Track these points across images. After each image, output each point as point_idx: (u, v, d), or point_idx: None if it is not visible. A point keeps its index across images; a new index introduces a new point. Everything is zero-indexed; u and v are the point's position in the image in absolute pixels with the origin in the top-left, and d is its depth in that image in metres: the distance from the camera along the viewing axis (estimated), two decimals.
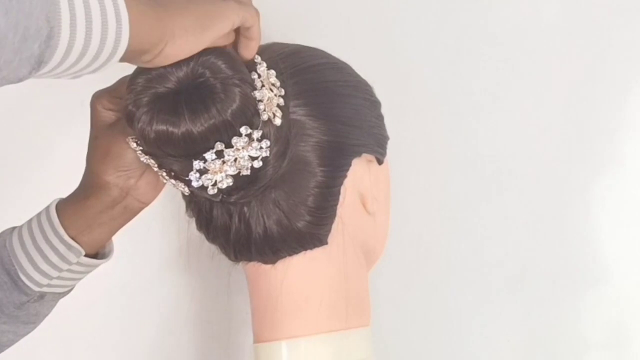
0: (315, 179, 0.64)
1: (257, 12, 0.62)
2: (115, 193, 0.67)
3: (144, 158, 0.63)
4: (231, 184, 0.61)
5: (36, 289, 0.67)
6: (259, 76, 0.61)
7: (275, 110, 0.61)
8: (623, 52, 0.99)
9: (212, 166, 0.60)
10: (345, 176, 0.66)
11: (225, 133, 0.59)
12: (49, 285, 0.68)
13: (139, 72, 0.60)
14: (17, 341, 0.73)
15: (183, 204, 0.71)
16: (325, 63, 0.69)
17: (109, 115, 0.66)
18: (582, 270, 0.99)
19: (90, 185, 0.67)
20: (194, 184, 0.61)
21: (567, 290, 1.00)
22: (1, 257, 0.67)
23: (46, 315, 0.73)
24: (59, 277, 0.68)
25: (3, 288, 0.67)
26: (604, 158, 1.00)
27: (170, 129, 0.58)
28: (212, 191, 0.61)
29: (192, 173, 0.60)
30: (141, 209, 0.70)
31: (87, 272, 0.71)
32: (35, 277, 0.67)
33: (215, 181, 0.61)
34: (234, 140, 0.59)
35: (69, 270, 0.68)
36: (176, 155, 0.60)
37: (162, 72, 0.59)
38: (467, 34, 0.99)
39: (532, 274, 1.00)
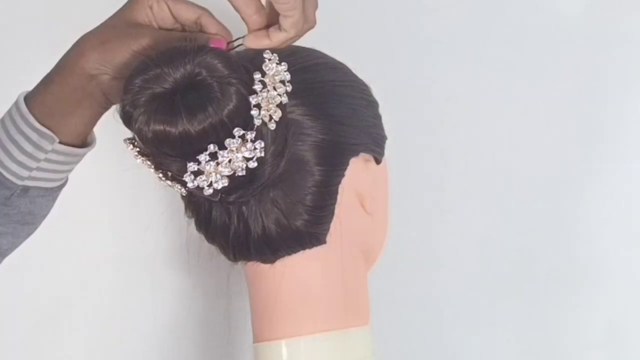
0: (313, 178, 0.65)
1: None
2: (83, 80, 0.65)
3: (140, 160, 0.64)
4: (227, 184, 0.61)
5: (18, 182, 0.67)
6: (264, 74, 0.61)
7: (273, 112, 0.61)
8: (623, 52, 0.99)
9: (207, 168, 0.60)
10: (342, 175, 0.66)
11: (222, 132, 0.59)
12: (30, 178, 0.67)
13: (135, 72, 0.60)
14: (18, 244, 0.72)
15: (182, 204, 0.71)
16: (323, 63, 0.69)
17: (144, 15, 0.65)
18: (582, 271, 1.00)
19: (63, 67, 0.66)
20: (189, 185, 0.61)
21: (567, 290, 1.00)
22: None
23: (44, 215, 0.72)
24: (38, 168, 0.67)
25: None
26: (604, 158, 1.00)
27: (168, 128, 0.58)
28: (208, 191, 0.61)
29: (186, 175, 0.61)
30: (107, 103, 0.68)
31: (69, 164, 0.70)
32: (13, 168, 0.67)
33: (211, 182, 0.61)
34: (227, 141, 0.59)
35: (46, 160, 0.67)
36: (174, 155, 0.61)
37: (159, 73, 0.59)
38: (467, 35, 0.99)
39: (532, 274, 1.00)
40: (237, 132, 0.59)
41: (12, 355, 0.96)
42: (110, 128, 0.70)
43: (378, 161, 0.70)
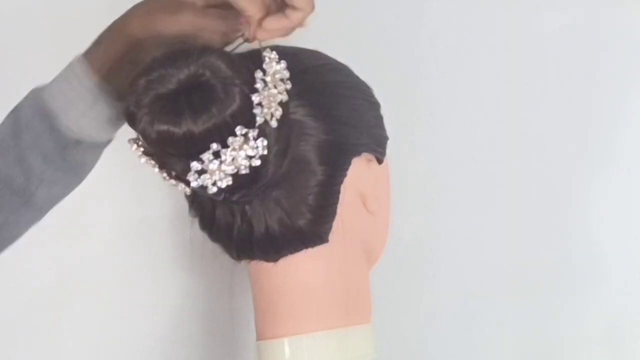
0: (316, 177, 0.65)
1: None
2: (128, 43, 0.67)
3: (144, 159, 0.64)
4: (231, 182, 0.61)
5: (72, 135, 0.68)
6: (264, 72, 0.62)
7: (275, 110, 0.62)
8: (622, 53, 0.99)
9: (211, 166, 0.60)
10: (345, 175, 0.67)
11: (226, 132, 0.60)
12: (83, 131, 0.69)
13: (140, 73, 0.61)
14: (65, 195, 0.73)
15: (186, 204, 0.71)
16: (325, 64, 0.70)
17: None
18: (581, 270, 0.99)
19: (112, 30, 0.68)
20: (193, 184, 0.61)
21: (567, 290, 0.99)
22: (37, 106, 0.69)
23: (91, 168, 0.73)
24: (91, 121, 0.68)
25: (43, 136, 0.68)
26: (604, 158, 1.00)
27: (172, 128, 0.59)
28: (212, 190, 0.62)
29: (190, 174, 0.61)
30: None
31: (120, 119, 0.71)
32: (69, 123, 0.68)
33: (215, 181, 0.61)
34: (230, 140, 0.60)
35: (98, 114, 0.68)
36: (178, 155, 0.61)
37: (164, 74, 0.60)
38: (466, 35, 0.99)
39: (532, 274, 1.00)
40: (240, 130, 0.60)
41: (14, 354, 0.96)
42: None
43: (380, 161, 0.71)
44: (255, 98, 0.61)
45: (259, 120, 0.61)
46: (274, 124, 0.61)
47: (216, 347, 0.98)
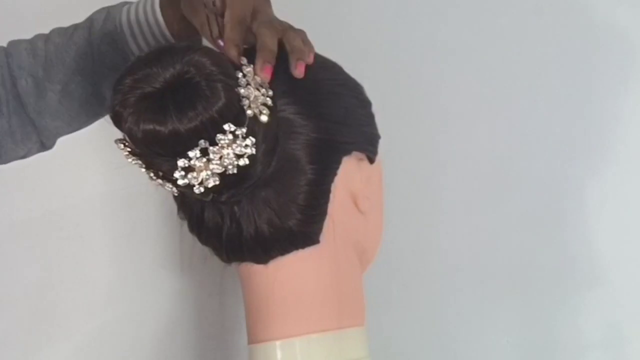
0: (306, 176, 0.64)
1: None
2: None
3: (130, 159, 0.64)
4: (218, 182, 0.61)
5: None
6: (244, 75, 0.62)
7: (262, 108, 0.61)
8: (622, 52, 0.99)
9: (198, 164, 0.60)
10: (335, 174, 0.66)
11: (213, 130, 0.59)
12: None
13: (125, 73, 0.61)
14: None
15: (175, 206, 0.71)
16: (315, 62, 0.69)
17: None
18: (581, 271, 0.99)
19: None
20: (179, 182, 0.61)
21: (566, 290, 0.99)
22: (116, 41, 0.76)
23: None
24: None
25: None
26: (603, 158, 1.00)
27: (157, 127, 0.58)
28: (198, 190, 0.61)
29: (177, 172, 0.60)
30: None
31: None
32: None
33: (202, 180, 0.61)
34: (218, 137, 0.59)
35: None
36: (164, 154, 0.61)
37: (149, 73, 0.60)
38: (464, 33, 0.99)
39: (531, 274, 1.00)
40: (228, 127, 0.59)
41: (7, 357, 0.96)
42: (103, 129, 0.70)
43: (371, 160, 0.70)
44: (242, 91, 0.60)
45: (249, 113, 0.60)
46: (264, 119, 0.61)
47: (207, 351, 0.98)
